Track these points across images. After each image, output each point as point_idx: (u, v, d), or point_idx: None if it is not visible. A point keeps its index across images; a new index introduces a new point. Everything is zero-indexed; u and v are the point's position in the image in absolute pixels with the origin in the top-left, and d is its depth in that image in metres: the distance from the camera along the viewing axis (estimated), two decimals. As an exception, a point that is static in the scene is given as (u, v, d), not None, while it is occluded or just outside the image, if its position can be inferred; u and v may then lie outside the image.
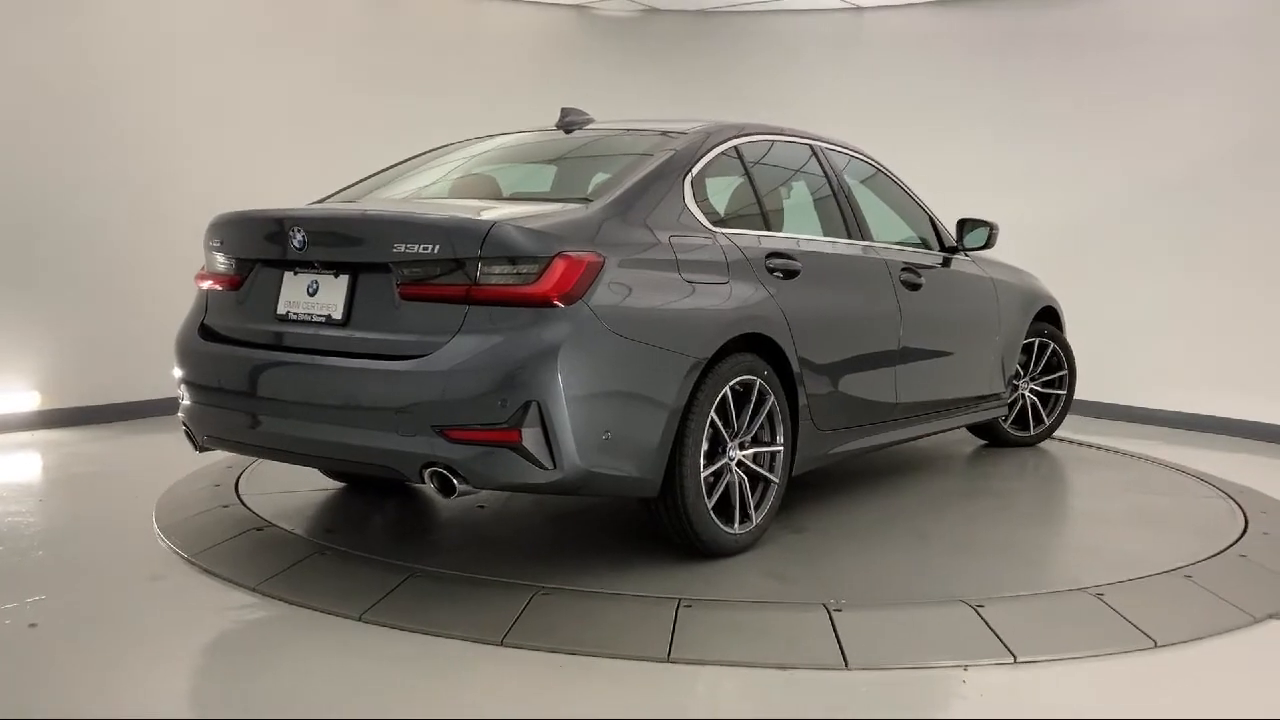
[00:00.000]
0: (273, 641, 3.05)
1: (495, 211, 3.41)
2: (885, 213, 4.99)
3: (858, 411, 4.34)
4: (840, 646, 2.97)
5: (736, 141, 4.16)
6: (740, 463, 3.70)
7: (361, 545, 3.78)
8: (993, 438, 5.87)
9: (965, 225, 5.19)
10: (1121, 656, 3.02)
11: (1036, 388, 5.87)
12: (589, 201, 3.55)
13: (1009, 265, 5.69)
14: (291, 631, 3.08)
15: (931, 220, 5.16)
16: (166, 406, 4.49)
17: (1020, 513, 4.67)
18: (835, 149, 4.76)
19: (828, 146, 4.70)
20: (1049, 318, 5.87)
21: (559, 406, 3.10)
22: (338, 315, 3.40)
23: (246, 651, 3.02)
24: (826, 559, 3.77)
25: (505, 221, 3.22)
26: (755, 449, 3.77)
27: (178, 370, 3.77)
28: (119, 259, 6.29)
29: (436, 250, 3.20)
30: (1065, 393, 5.92)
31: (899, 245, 4.88)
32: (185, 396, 3.74)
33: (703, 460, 3.51)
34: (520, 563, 3.60)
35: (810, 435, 4.02)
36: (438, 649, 2.94)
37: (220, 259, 3.75)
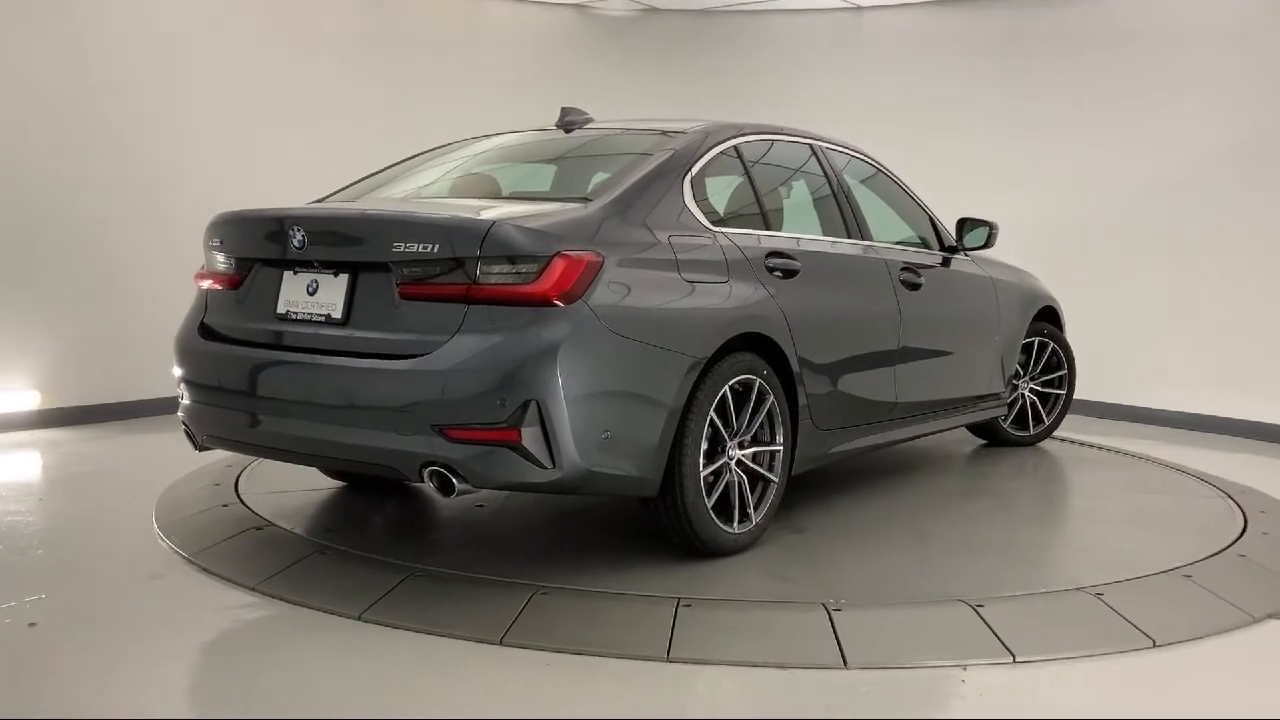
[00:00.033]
0: (272, 641, 3.06)
1: (495, 211, 3.41)
2: (885, 212, 4.99)
3: (857, 411, 4.34)
4: (840, 646, 2.97)
5: (736, 141, 4.16)
6: (740, 462, 3.70)
7: (361, 544, 3.78)
8: (992, 437, 5.87)
9: (965, 225, 5.19)
10: (1120, 656, 3.02)
11: (1036, 387, 5.87)
12: (588, 201, 3.55)
13: (1009, 265, 5.69)
14: (291, 631, 3.09)
15: (931, 220, 5.17)
16: (166, 406, 4.50)
17: (1020, 512, 4.68)
18: (835, 148, 4.76)
19: (827, 146, 4.70)
20: (1049, 317, 5.87)
21: (558, 406, 3.10)
22: (337, 314, 3.40)
23: (246, 651, 3.02)
24: (826, 558, 3.78)
25: (505, 221, 3.22)
26: (755, 448, 3.77)
27: (177, 369, 3.77)
28: (119, 259, 6.30)
29: (436, 249, 3.20)
30: (1065, 392, 5.92)
31: (899, 245, 4.88)
32: (185, 396, 3.74)
33: (702, 459, 3.51)
34: (520, 562, 3.60)
35: (810, 435, 4.02)
36: (437, 648, 2.94)
37: (220, 258, 3.75)
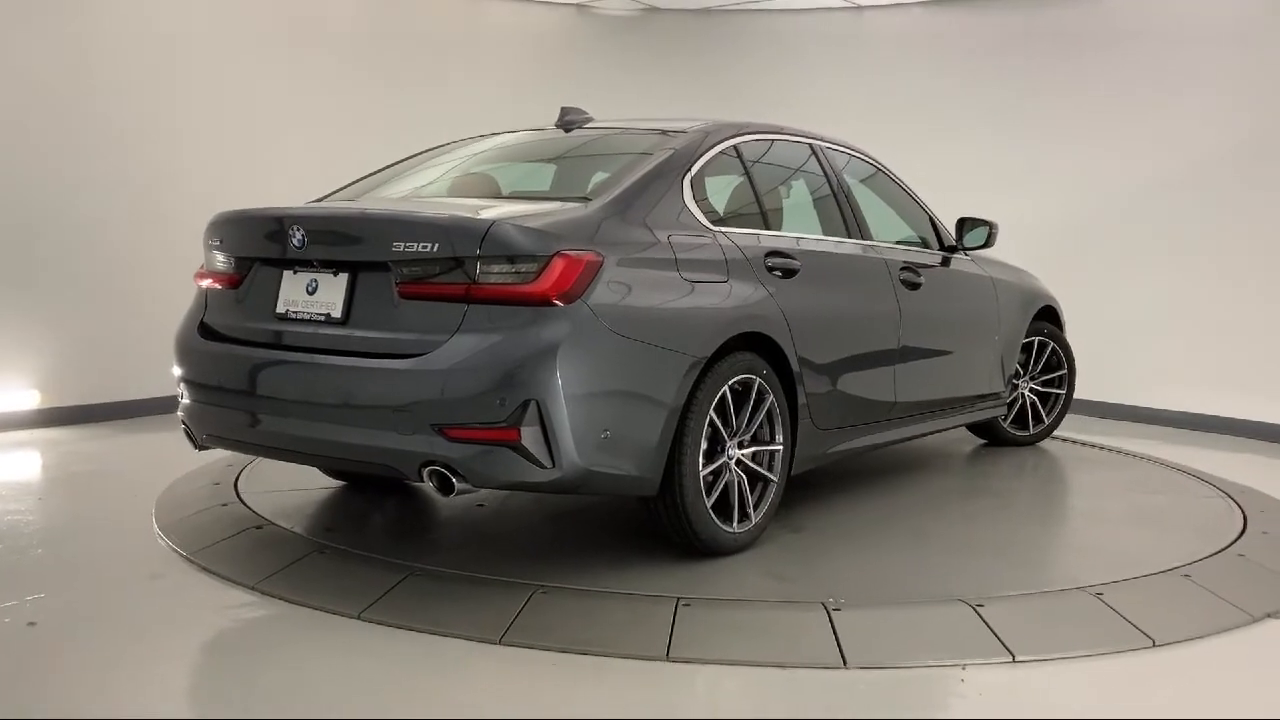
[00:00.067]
0: (272, 640, 3.06)
1: (494, 210, 3.41)
2: (885, 212, 4.99)
3: (857, 410, 4.34)
4: (839, 645, 2.97)
5: (736, 140, 4.16)
6: (739, 462, 3.70)
7: (361, 544, 3.78)
8: (992, 437, 5.87)
9: (965, 224, 5.19)
10: (1120, 656, 3.02)
11: (1036, 387, 5.87)
12: (588, 200, 3.54)
13: (1009, 264, 5.68)
14: (290, 630, 3.09)
15: (931, 219, 5.16)
16: (166, 405, 4.50)
17: (1019, 512, 4.68)
18: (835, 148, 4.75)
19: (827, 145, 4.70)
20: (1049, 317, 5.87)
21: (558, 405, 3.10)
22: (337, 314, 3.40)
23: (245, 650, 3.02)
24: (825, 558, 3.78)
25: (504, 220, 3.22)
26: (754, 448, 3.77)
27: (177, 369, 3.77)
28: (119, 259, 6.29)
29: (436, 249, 3.20)
30: (1065, 392, 5.92)
31: (898, 244, 4.88)
32: (184, 395, 3.74)
33: (702, 459, 3.51)
34: (519, 561, 3.60)
35: (809, 434, 4.02)
36: (437, 648, 2.94)
37: (220, 257, 3.75)
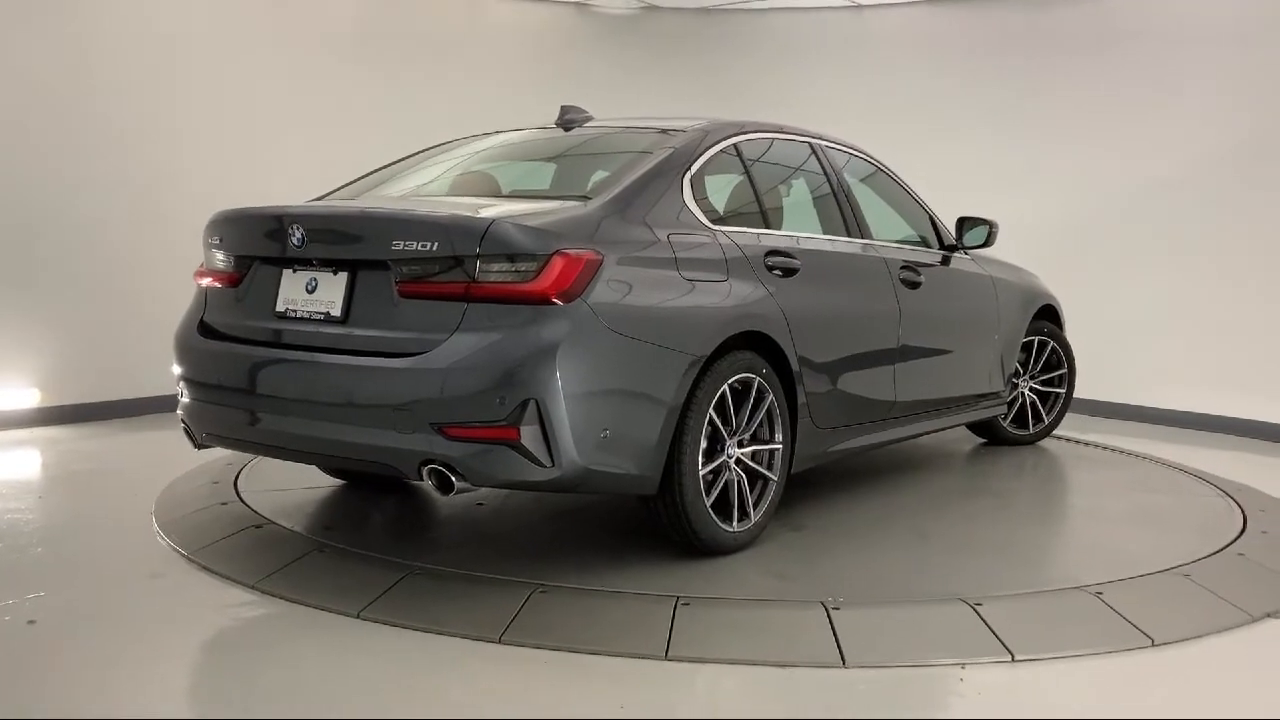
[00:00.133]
0: (271, 639, 3.06)
1: (494, 209, 3.41)
2: (885, 211, 4.99)
3: (857, 409, 4.34)
4: (839, 644, 2.97)
5: (736, 139, 4.16)
6: (739, 460, 3.70)
7: (360, 543, 3.78)
8: (992, 436, 5.87)
9: (965, 223, 5.19)
10: (1120, 655, 3.02)
11: (1036, 386, 5.87)
12: (588, 199, 3.54)
13: (1009, 263, 5.68)
14: (290, 629, 3.09)
15: (931, 218, 5.16)
16: (166, 404, 4.50)
17: (1019, 511, 4.68)
18: (835, 147, 4.75)
19: (827, 145, 4.70)
20: (1049, 316, 5.87)
21: (557, 404, 3.10)
22: (337, 312, 3.39)
23: (245, 649, 3.02)
24: (825, 557, 3.78)
25: (504, 219, 3.22)
26: (754, 447, 3.77)
27: (177, 367, 3.77)
28: (119, 258, 6.30)
29: (435, 248, 3.20)
30: (1065, 391, 5.92)
31: (898, 243, 4.88)
32: (184, 394, 3.74)
33: (701, 458, 3.51)
34: (518, 560, 3.60)
35: (809, 433, 4.02)
36: (436, 646, 2.94)
37: (219, 256, 3.75)
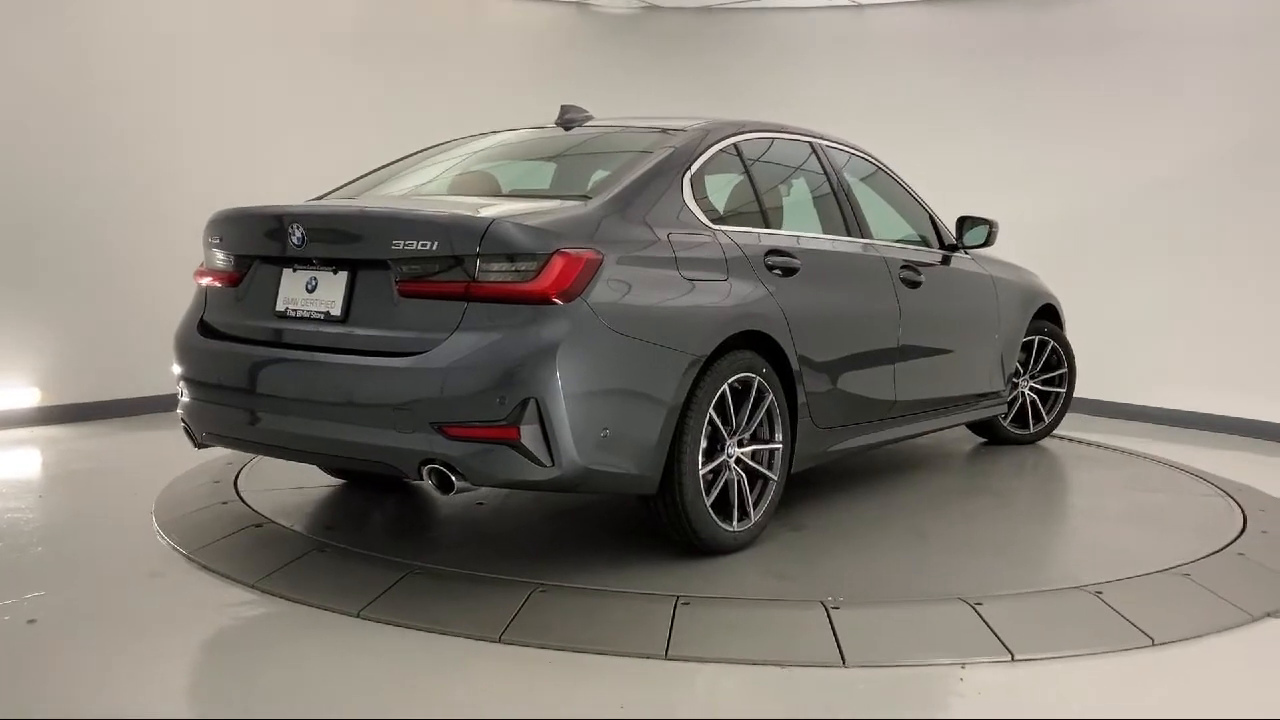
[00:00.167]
0: (271, 638, 3.06)
1: (494, 208, 3.41)
2: (885, 210, 4.99)
3: (857, 409, 4.34)
4: (838, 644, 2.97)
5: (736, 139, 4.15)
6: (739, 460, 3.70)
7: (360, 542, 3.78)
8: (992, 436, 5.87)
9: (965, 223, 5.19)
10: (1119, 655, 3.02)
11: (1036, 385, 5.86)
12: (588, 199, 3.54)
13: (1009, 263, 5.68)
14: (290, 628, 3.09)
15: (931, 218, 5.16)
16: (166, 403, 4.50)
17: (1019, 511, 4.68)
18: (835, 146, 4.75)
19: (827, 144, 4.70)
20: (1049, 315, 5.86)
21: (557, 404, 3.10)
22: (336, 312, 3.39)
23: (245, 648, 3.02)
24: (825, 557, 3.78)
25: (504, 218, 3.22)
26: (754, 446, 3.77)
27: (177, 367, 3.77)
28: (118, 258, 6.30)
29: (435, 247, 3.20)
30: (1065, 391, 5.92)
31: (899, 243, 4.88)
32: (184, 393, 3.74)
33: (701, 458, 3.51)
34: (518, 560, 3.60)
35: (809, 433, 4.02)
36: (436, 646, 2.94)
37: (219, 256, 3.75)
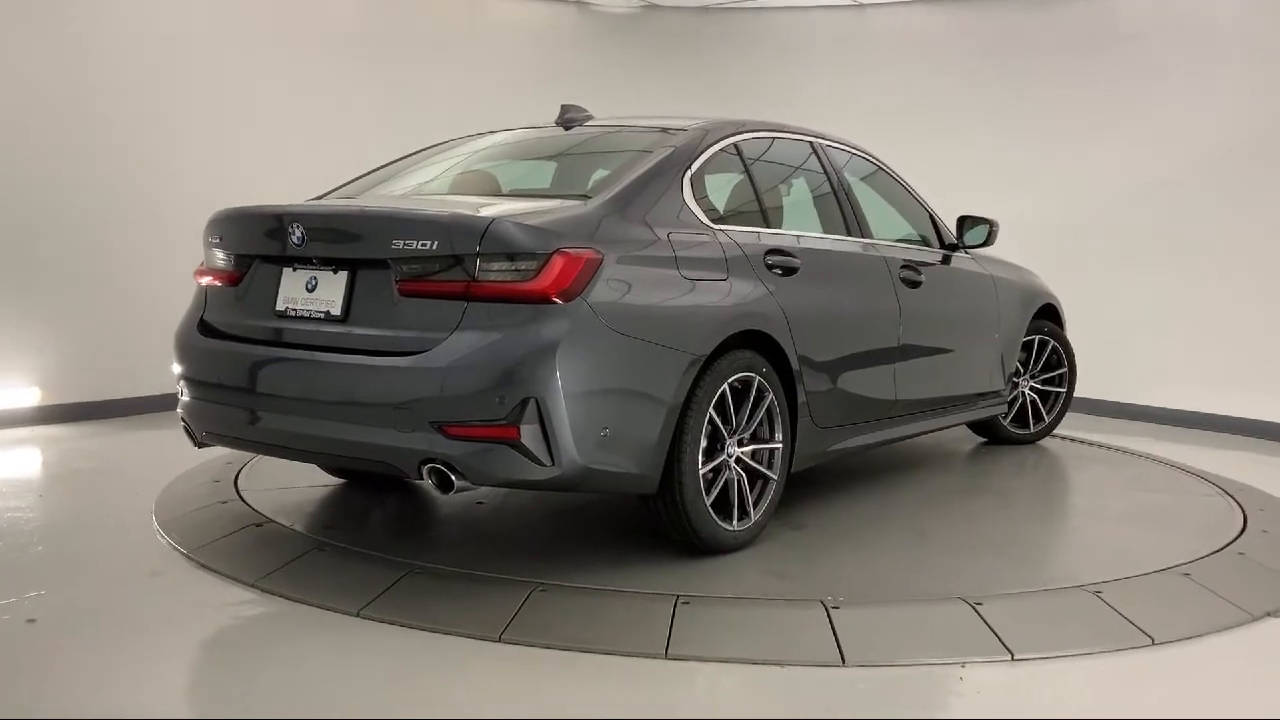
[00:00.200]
0: (271, 637, 3.06)
1: (494, 208, 3.41)
2: (885, 210, 4.98)
3: (857, 409, 4.34)
4: (838, 643, 2.97)
5: (736, 138, 4.15)
6: (739, 460, 3.70)
7: (360, 541, 3.78)
8: (992, 435, 5.87)
9: (965, 222, 5.19)
10: (1119, 654, 3.02)
11: (1036, 385, 5.86)
12: (588, 198, 3.54)
13: (1009, 263, 5.68)
14: (290, 627, 3.09)
15: (931, 217, 5.16)
16: (166, 402, 4.50)
17: (1019, 510, 4.68)
18: (835, 146, 4.75)
19: (828, 144, 4.69)
20: (1049, 315, 5.86)
21: (557, 403, 3.10)
22: (336, 311, 3.39)
23: (245, 648, 3.03)
24: (825, 556, 3.78)
25: (504, 218, 3.22)
26: (754, 446, 3.77)
27: (177, 366, 3.77)
28: (118, 258, 6.30)
29: (435, 246, 3.20)
30: (1065, 390, 5.92)
31: (899, 242, 4.88)
32: (184, 392, 3.74)
33: (701, 457, 3.51)
34: (518, 559, 3.61)
35: (809, 432, 4.02)
36: (436, 645, 2.94)
37: (219, 255, 3.75)
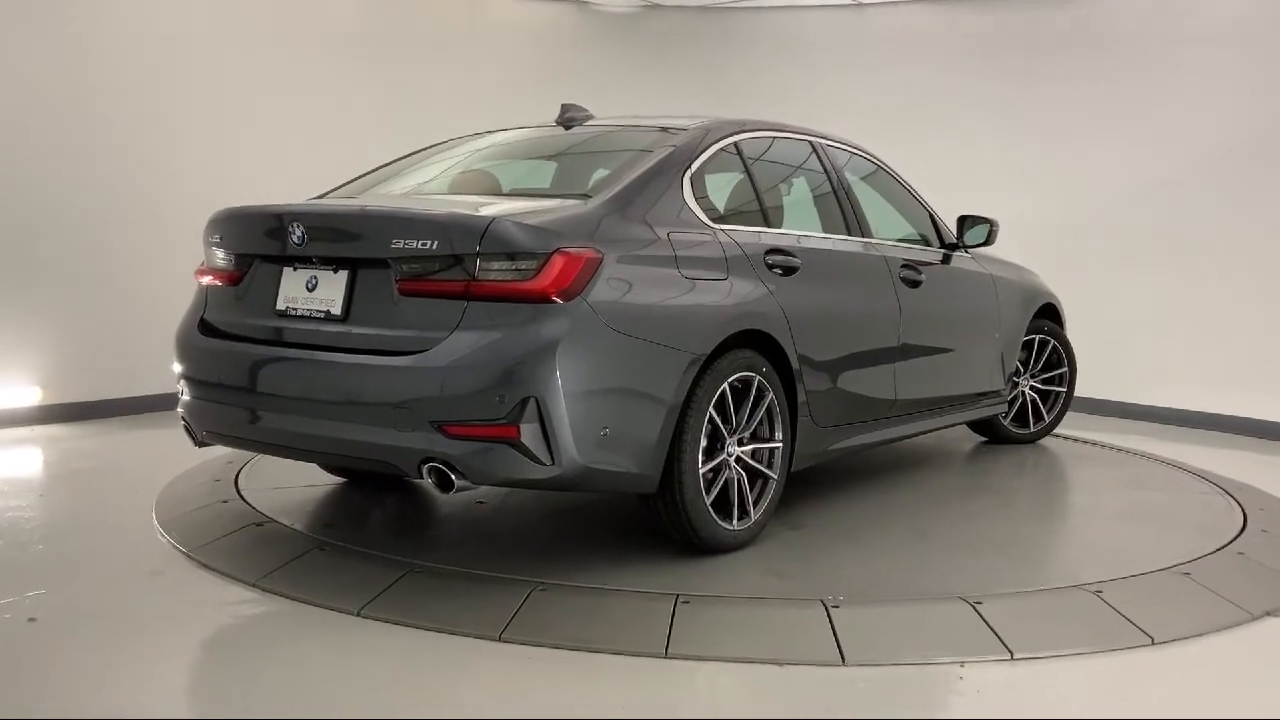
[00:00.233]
0: (272, 637, 3.06)
1: (494, 207, 3.41)
2: (885, 209, 4.99)
3: (857, 408, 4.34)
4: (838, 643, 2.97)
5: (736, 138, 4.15)
6: (739, 459, 3.70)
7: (360, 540, 3.78)
8: (992, 435, 5.87)
9: (965, 222, 5.19)
10: (1119, 653, 3.02)
11: (1036, 384, 5.86)
12: (588, 198, 3.54)
13: (1009, 262, 5.68)
14: (290, 627, 3.09)
15: (932, 217, 5.16)
16: (166, 402, 4.50)
17: (1019, 510, 4.68)
18: (835, 145, 4.75)
19: (828, 143, 4.69)
20: (1049, 315, 5.86)
21: (557, 402, 3.10)
22: (337, 311, 3.40)
23: (245, 647, 3.03)
24: (825, 555, 3.78)
25: (504, 217, 3.22)
26: (754, 445, 3.77)
27: (177, 365, 3.77)
28: (118, 257, 6.30)
29: (435, 246, 3.20)
30: (1065, 390, 5.92)
31: (899, 242, 4.88)
32: (185, 392, 3.74)
33: (701, 456, 3.51)
34: (518, 558, 3.61)
35: (809, 432, 4.02)
36: (436, 644, 2.94)
37: (220, 254, 3.75)
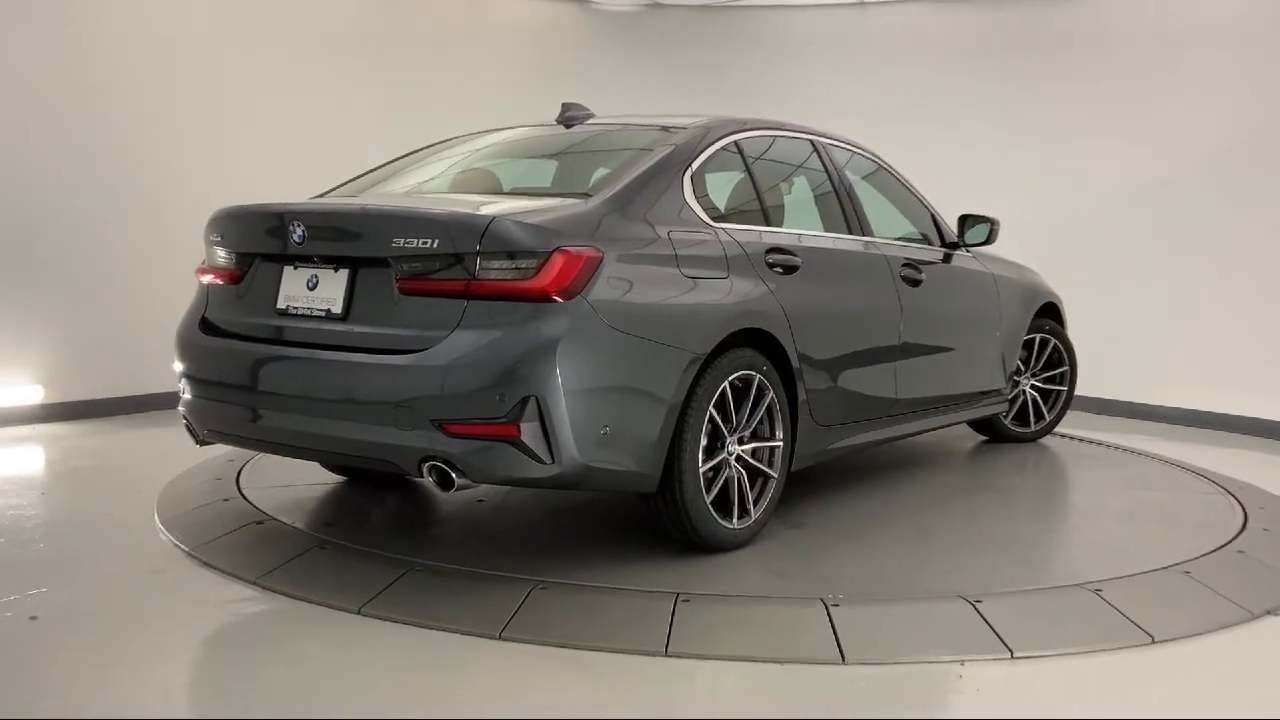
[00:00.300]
0: (272, 635, 3.07)
1: (495, 206, 3.41)
2: (886, 208, 4.99)
3: (857, 407, 4.34)
4: (838, 642, 2.97)
5: (737, 136, 4.15)
6: (739, 458, 3.70)
7: (361, 539, 3.79)
8: (993, 433, 5.87)
9: (966, 221, 5.19)
10: (1119, 652, 3.02)
11: (1037, 384, 5.86)
12: (589, 196, 3.54)
13: (1010, 261, 5.68)
14: (291, 625, 3.10)
15: (933, 216, 5.16)
16: (168, 400, 4.50)
17: (1020, 509, 4.68)
18: (836, 144, 4.75)
19: (829, 142, 4.69)
20: (1050, 314, 5.86)
21: (557, 401, 3.10)
22: (337, 309, 3.40)
23: (246, 645, 3.03)
24: (825, 554, 3.78)
25: (504, 216, 3.22)
26: (754, 444, 3.77)
27: (178, 364, 3.77)
28: (119, 257, 6.31)
29: (436, 245, 3.20)
30: (1066, 389, 5.92)
31: (900, 241, 4.88)
32: (186, 390, 3.75)
33: (701, 455, 3.52)
34: (519, 557, 3.61)
35: (809, 430, 4.02)
36: (436, 642, 2.95)
37: (220, 253, 3.75)
